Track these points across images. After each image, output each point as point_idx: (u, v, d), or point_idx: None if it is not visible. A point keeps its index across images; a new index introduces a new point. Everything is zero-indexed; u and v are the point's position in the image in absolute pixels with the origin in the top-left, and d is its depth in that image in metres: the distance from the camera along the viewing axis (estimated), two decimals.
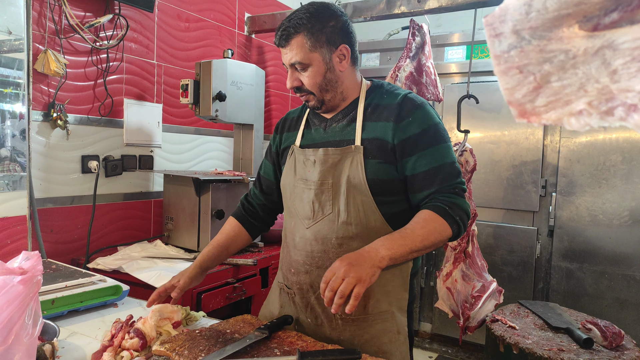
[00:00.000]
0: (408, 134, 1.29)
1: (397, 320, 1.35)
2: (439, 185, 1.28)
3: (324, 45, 1.31)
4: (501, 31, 0.44)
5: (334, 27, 1.32)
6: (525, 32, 0.42)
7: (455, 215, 1.25)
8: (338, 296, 1.10)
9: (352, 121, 1.37)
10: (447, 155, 1.30)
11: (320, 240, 1.35)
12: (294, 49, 1.31)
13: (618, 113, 0.39)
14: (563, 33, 0.41)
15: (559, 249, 3.07)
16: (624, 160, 2.87)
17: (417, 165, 1.29)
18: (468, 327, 2.39)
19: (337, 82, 1.35)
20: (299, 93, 1.38)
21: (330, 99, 1.37)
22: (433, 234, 1.23)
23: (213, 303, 2.13)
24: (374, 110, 1.36)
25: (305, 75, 1.33)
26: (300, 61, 1.31)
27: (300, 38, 1.30)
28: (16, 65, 2.00)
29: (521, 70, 0.44)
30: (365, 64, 3.83)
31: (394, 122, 1.30)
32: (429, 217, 1.25)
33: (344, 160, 1.33)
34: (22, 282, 0.81)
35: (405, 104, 1.32)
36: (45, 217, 2.19)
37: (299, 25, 1.30)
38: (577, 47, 0.40)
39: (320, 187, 1.35)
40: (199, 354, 1.15)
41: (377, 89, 1.40)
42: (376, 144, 1.31)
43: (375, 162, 1.31)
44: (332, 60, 1.33)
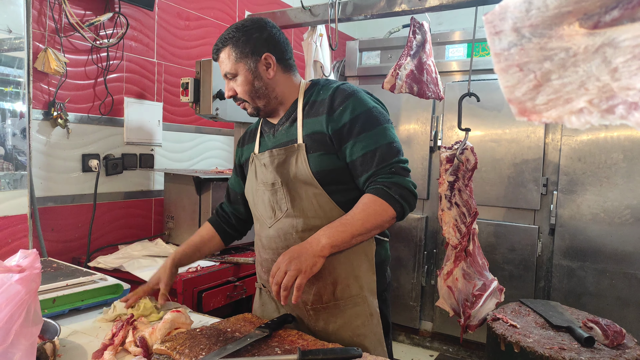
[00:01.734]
0: (341, 123, 1.35)
1: (368, 303, 1.40)
2: (377, 167, 1.32)
3: (248, 55, 1.40)
4: (501, 29, 0.43)
5: (258, 38, 1.41)
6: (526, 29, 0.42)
7: (395, 194, 1.28)
8: (282, 288, 1.18)
9: (293, 122, 1.45)
10: (383, 137, 1.34)
11: (282, 237, 1.42)
12: (224, 60, 1.43)
13: (619, 111, 0.38)
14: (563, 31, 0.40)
15: (560, 248, 3.07)
16: (625, 159, 2.86)
17: (354, 151, 1.34)
18: (469, 325, 2.39)
19: (267, 88, 1.43)
20: (237, 102, 1.47)
21: (264, 105, 1.45)
22: (373, 216, 1.27)
23: (214, 302, 2.13)
24: (311, 107, 1.43)
25: (236, 84, 1.43)
26: (229, 71, 1.42)
27: (227, 50, 1.41)
28: (16, 64, 2.00)
29: (521, 68, 0.44)
30: (366, 62, 3.82)
31: (327, 114, 1.37)
32: (368, 201, 1.29)
33: (289, 158, 1.40)
34: (21, 280, 0.81)
35: (336, 96, 1.38)
36: (46, 216, 2.19)
37: (227, 39, 1.42)
38: (578, 45, 0.40)
39: (273, 187, 1.43)
40: (200, 352, 1.15)
41: (313, 87, 1.48)
42: (315, 138, 1.38)
43: (317, 154, 1.37)
44: (258, 68, 1.41)
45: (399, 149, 1.36)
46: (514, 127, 3.19)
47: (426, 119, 3.48)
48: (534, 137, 3.14)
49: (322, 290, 1.39)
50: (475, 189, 2.64)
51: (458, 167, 2.47)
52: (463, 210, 2.48)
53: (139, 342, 1.20)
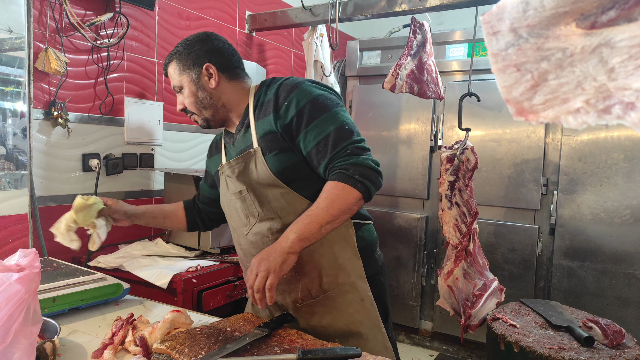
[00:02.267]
0: (288, 119, 1.35)
1: (358, 289, 1.41)
2: (332, 152, 1.30)
3: (190, 68, 1.44)
4: (499, 29, 0.44)
5: (199, 50, 1.45)
6: (523, 30, 0.42)
7: (354, 174, 1.26)
8: (255, 291, 1.19)
9: (248, 127, 1.46)
10: (332, 122, 1.32)
11: (260, 242, 1.43)
12: (170, 74, 1.48)
13: (615, 111, 0.39)
14: (560, 31, 0.40)
15: (560, 247, 3.07)
16: (625, 159, 2.86)
17: (307, 143, 1.34)
18: (469, 325, 2.39)
19: (212, 98, 1.46)
20: (187, 115, 1.51)
21: (212, 115, 1.49)
22: (337, 202, 1.25)
23: (214, 301, 2.13)
24: (260, 108, 1.43)
25: (183, 97, 1.48)
26: (175, 84, 1.47)
27: (173, 64, 1.47)
28: (17, 63, 2.00)
29: (519, 68, 0.44)
30: (367, 62, 3.82)
31: (273, 113, 1.37)
32: (329, 188, 1.28)
33: (248, 164, 1.41)
34: (20, 279, 0.82)
35: (280, 92, 1.39)
36: (46, 216, 2.19)
37: (172, 55, 1.47)
38: (575, 45, 0.40)
39: (241, 195, 1.44)
40: (200, 352, 1.15)
41: (260, 89, 1.49)
42: (268, 139, 1.38)
43: (273, 154, 1.37)
44: (201, 79, 1.45)
45: (351, 130, 1.34)
46: (514, 127, 3.19)
47: (426, 118, 3.48)
48: (534, 137, 3.14)
49: (310, 285, 1.40)
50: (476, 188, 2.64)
51: (458, 166, 2.47)
52: (463, 210, 2.48)
53: (138, 341, 1.20)
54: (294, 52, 3.86)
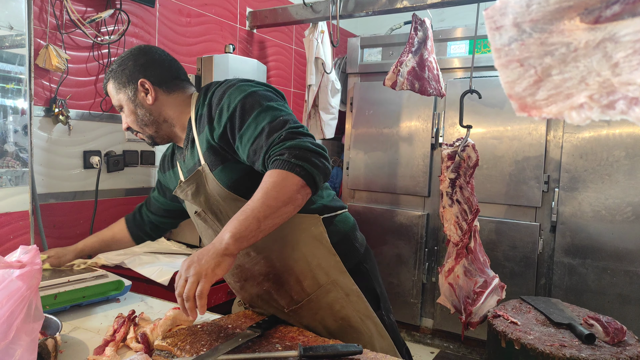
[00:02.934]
0: (222, 127, 1.25)
1: (340, 285, 1.34)
2: (266, 145, 1.16)
3: (125, 85, 1.39)
4: (502, 24, 0.43)
5: (133, 66, 1.38)
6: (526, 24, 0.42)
7: (290, 158, 1.10)
8: (185, 300, 1.03)
9: (193, 142, 1.37)
10: (265, 117, 1.20)
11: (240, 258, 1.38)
12: (110, 94, 1.44)
13: (619, 106, 0.38)
14: (564, 26, 0.40)
15: (562, 245, 3.06)
16: (627, 156, 2.85)
17: (244, 146, 1.22)
18: (470, 322, 2.39)
19: (152, 114, 1.40)
20: (133, 133, 1.47)
21: (155, 132, 1.43)
22: (274, 191, 1.08)
23: (215, 298, 2.13)
24: (199, 122, 1.36)
25: (125, 116, 1.44)
26: (116, 104, 1.44)
27: (110, 84, 1.42)
28: (18, 60, 2.00)
29: (522, 64, 0.44)
30: (367, 59, 3.82)
31: (208, 125, 1.30)
32: (266, 178, 1.12)
33: (199, 185, 1.34)
34: (21, 276, 0.82)
35: (212, 102, 1.31)
36: (47, 213, 2.19)
37: (108, 74, 1.43)
38: (579, 40, 0.40)
39: (199, 218, 1.40)
40: (201, 348, 1.15)
41: (198, 100, 1.40)
42: (211, 152, 1.30)
43: (220, 169, 1.29)
44: (138, 97, 1.39)
45: (285, 120, 1.19)
46: (515, 124, 3.19)
47: (427, 115, 3.48)
48: (536, 134, 3.14)
49: (291, 292, 1.35)
50: (477, 186, 2.64)
51: (459, 164, 2.47)
52: (464, 208, 2.48)
53: (140, 338, 1.20)
54: (294, 49, 3.85)
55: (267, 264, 1.34)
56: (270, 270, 1.35)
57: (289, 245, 1.31)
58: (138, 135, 1.47)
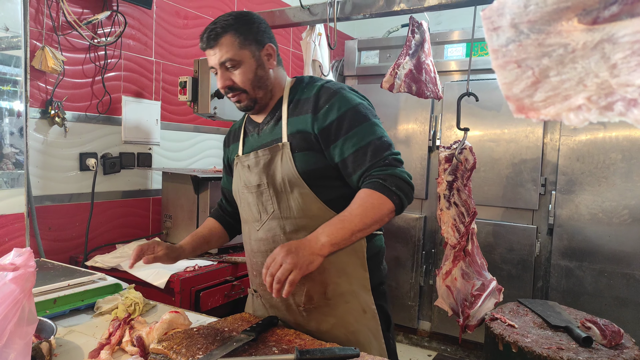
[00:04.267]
0: (327, 122, 1.32)
1: (360, 299, 1.38)
2: (370, 162, 1.29)
3: (252, 43, 1.37)
4: (499, 25, 0.43)
5: (259, 28, 1.39)
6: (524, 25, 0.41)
7: (391, 185, 1.25)
8: (275, 281, 1.14)
9: (278, 120, 1.42)
10: (372, 132, 1.31)
11: (270, 239, 1.40)
12: (224, 47, 1.35)
13: (617, 108, 0.38)
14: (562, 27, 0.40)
15: (559, 248, 3.06)
16: (623, 159, 2.86)
17: (345, 150, 1.31)
18: (468, 325, 2.39)
19: (268, 79, 1.41)
20: (231, 93, 1.40)
21: (262, 97, 1.41)
22: (371, 211, 1.23)
23: (212, 301, 2.12)
24: (296, 105, 1.40)
25: (237, 72, 1.37)
26: (232, 58, 1.35)
27: (229, 37, 1.35)
28: (13, 62, 1.99)
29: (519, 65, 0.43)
30: (365, 62, 3.82)
31: (312, 113, 1.34)
32: (364, 195, 1.26)
33: (274, 158, 1.37)
34: (15, 279, 0.81)
35: (321, 94, 1.36)
36: (43, 215, 2.18)
37: (227, 26, 1.35)
38: (576, 41, 0.40)
39: (259, 189, 1.41)
40: (197, 352, 1.14)
41: (297, 84, 1.45)
42: (301, 137, 1.35)
43: (303, 154, 1.34)
44: (262, 57, 1.39)
45: (390, 143, 1.33)
46: (512, 127, 3.19)
47: (425, 118, 3.48)
48: (533, 137, 3.14)
49: (312, 291, 1.38)
50: (474, 188, 2.64)
51: (457, 166, 2.47)
52: (462, 210, 2.47)
53: (135, 341, 1.20)
54: (292, 51, 3.85)
55: None
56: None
57: None
58: (237, 97, 1.40)
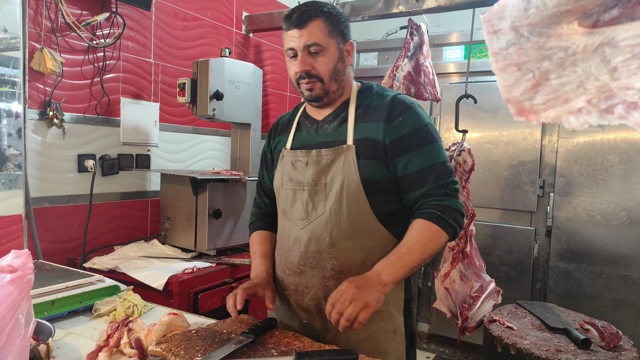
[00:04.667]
0: (399, 134, 1.31)
1: (393, 320, 1.37)
2: (431, 184, 1.29)
3: (339, 35, 1.34)
4: (499, 28, 0.43)
5: (345, 23, 1.38)
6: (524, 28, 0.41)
7: (449, 218, 1.27)
8: (344, 319, 1.13)
9: (343, 122, 1.38)
10: (438, 155, 1.32)
11: (314, 241, 1.36)
12: (314, 30, 1.31)
13: (618, 111, 0.38)
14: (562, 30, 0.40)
15: (557, 250, 3.07)
16: (621, 161, 2.86)
17: (409, 165, 1.30)
18: (466, 327, 2.39)
19: (344, 74, 1.38)
20: (307, 79, 1.34)
21: (334, 91, 1.38)
22: (429, 245, 1.26)
23: (210, 303, 2.12)
24: (365, 111, 1.37)
25: (319, 60, 1.33)
26: (319, 43, 1.31)
27: (320, 21, 1.31)
28: (12, 63, 1.99)
29: (520, 68, 0.43)
30: (363, 64, 3.82)
31: (384, 123, 1.32)
32: (422, 229, 1.27)
33: (336, 160, 1.34)
34: (12, 281, 0.80)
35: (395, 105, 1.34)
36: (41, 217, 2.17)
37: (319, 11, 1.32)
38: (577, 44, 0.40)
39: (314, 188, 1.37)
40: (195, 354, 1.14)
41: (367, 90, 1.42)
42: (368, 144, 1.33)
43: (368, 161, 1.32)
44: (343, 51, 1.37)
45: (451, 170, 1.34)
46: (511, 129, 3.20)
47: None
48: (531, 139, 3.15)
49: None
50: (472, 190, 2.65)
51: (455, 168, 2.47)
52: None
53: (134, 343, 1.19)
54: None
55: (345, 264, 1.34)
56: (344, 271, 1.34)
57: (371, 259, 1.32)
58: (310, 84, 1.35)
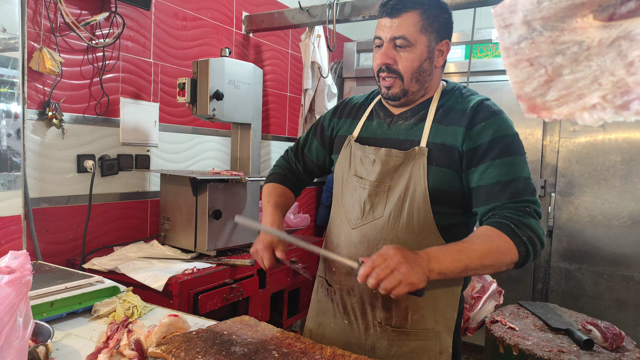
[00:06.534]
0: (479, 142, 1.19)
1: (441, 340, 1.28)
2: (507, 199, 1.15)
3: (433, 32, 1.23)
4: (511, 22, 0.42)
5: (446, 20, 1.27)
6: (537, 22, 0.40)
7: (523, 235, 1.10)
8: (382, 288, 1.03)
9: (420, 121, 1.29)
10: (521, 170, 1.18)
11: (365, 244, 1.29)
12: (405, 22, 1.21)
13: (634, 107, 0.37)
14: (577, 23, 0.39)
15: (558, 250, 3.06)
16: (623, 161, 2.86)
17: (485, 176, 1.18)
18: (468, 328, 2.37)
19: (429, 75, 1.27)
20: (386, 73, 1.26)
21: (415, 91, 1.28)
22: (494, 253, 1.09)
23: (210, 304, 2.11)
24: (446, 113, 1.27)
25: (404, 55, 1.23)
26: (407, 37, 1.21)
27: (414, 14, 1.21)
28: (11, 64, 1.97)
29: (532, 63, 0.42)
30: (364, 64, 3.81)
31: (465, 128, 1.21)
32: (492, 234, 1.11)
33: (406, 163, 1.25)
34: (10, 282, 0.79)
35: (479, 110, 1.23)
36: (40, 217, 2.16)
37: (417, 3, 1.21)
38: (592, 38, 0.38)
39: (376, 188, 1.28)
40: (196, 355, 1.13)
41: (452, 91, 1.32)
42: (443, 151, 1.22)
43: (440, 169, 1.22)
44: (434, 51, 1.26)
45: (534, 189, 1.19)
46: None
47: None
48: (532, 138, 3.14)
49: (395, 312, 1.28)
50: None
51: None
52: None
53: (134, 345, 1.18)
54: (291, 53, 3.85)
55: None
56: None
57: None
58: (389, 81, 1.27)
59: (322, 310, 1.45)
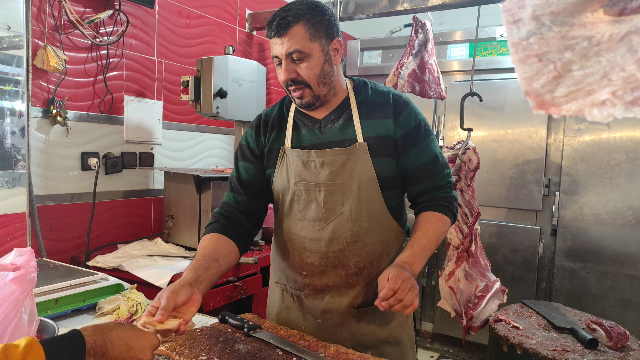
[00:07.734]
0: (407, 129, 1.36)
1: None
2: (434, 177, 1.40)
3: (322, 36, 1.29)
4: (520, 17, 0.41)
5: (330, 21, 1.32)
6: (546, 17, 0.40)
7: (453, 208, 1.41)
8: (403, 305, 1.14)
9: (347, 120, 1.37)
10: (435, 146, 1.41)
11: (335, 240, 1.36)
12: (294, 37, 1.26)
13: None
14: (587, 18, 0.38)
15: (562, 249, 3.05)
16: (628, 159, 2.84)
17: (418, 159, 1.37)
18: (471, 327, 2.37)
19: (333, 75, 1.34)
20: (294, 86, 1.31)
21: (325, 94, 1.34)
22: (442, 235, 1.37)
23: (214, 302, 2.11)
24: (370, 108, 1.38)
25: (303, 66, 1.28)
26: (301, 49, 1.26)
27: (300, 27, 1.26)
28: (15, 62, 1.98)
29: (540, 59, 0.42)
30: (367, 62, 3.80)
31: (393, 119, 1.36)
32: (438, 221, 1.37)
33: (351, 159, 1.34)
34: (15, 279, 0.79)
35: (397, 100, 1.38)
36: (44, 215, 2.17)
37: (299, 15, 1.26)
38: (602, 33, 0.38)
39: (331, 188, 1.35)
40: (200, 353, 1.13)
41: (362, 87, 1.42)
42: (381, 142, 1.35)
43: (382, 159, 1.35)
44: (330, 52, 1.32)
45: (445, 161, 1.44)
46: (516, 127, 3.18)
47: (428, 118, 3.46)
48: (536, 137, 3.12)
49: (370, 293, 1.40)
50: (477, 189, 2.63)
51: (460, 167, 2.45)
52: (465, 211, 2.46)
53: None
54: None
55: (367, 259, 1.38)
56: (366, 266, 1.38)
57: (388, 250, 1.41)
58: (299, 92, 1.31)
59: (292, 317, 1.48)
